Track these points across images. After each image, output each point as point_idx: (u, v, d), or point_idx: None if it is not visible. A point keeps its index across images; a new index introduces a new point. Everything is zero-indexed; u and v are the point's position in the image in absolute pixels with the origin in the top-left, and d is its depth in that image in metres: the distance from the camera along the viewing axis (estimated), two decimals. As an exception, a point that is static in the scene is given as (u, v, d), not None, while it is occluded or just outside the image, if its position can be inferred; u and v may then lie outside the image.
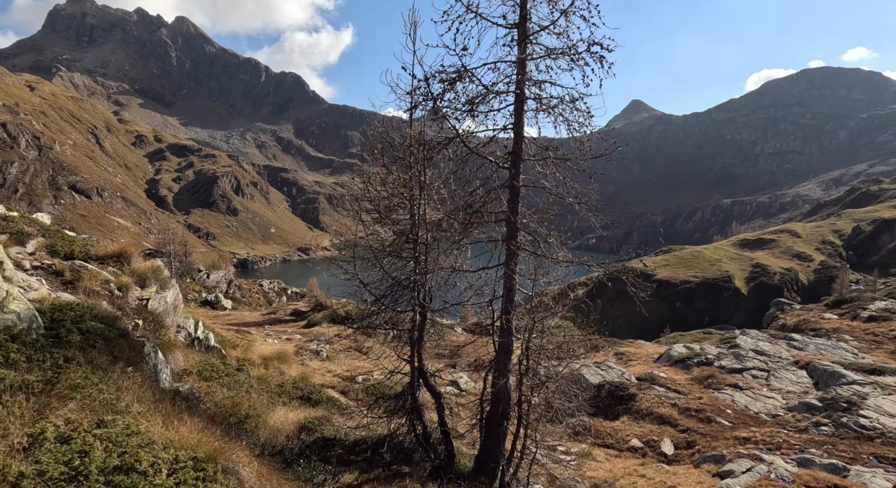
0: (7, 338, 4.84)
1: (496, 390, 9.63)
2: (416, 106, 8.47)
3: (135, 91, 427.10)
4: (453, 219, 8.92)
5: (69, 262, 8.60)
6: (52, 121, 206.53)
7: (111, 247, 10.06)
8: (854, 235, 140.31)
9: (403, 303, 9.58)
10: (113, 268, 9.38)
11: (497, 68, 8.75)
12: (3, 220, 8.94)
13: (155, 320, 8.61)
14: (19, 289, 6.06)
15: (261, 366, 11.53)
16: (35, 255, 8.59)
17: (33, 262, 8.19)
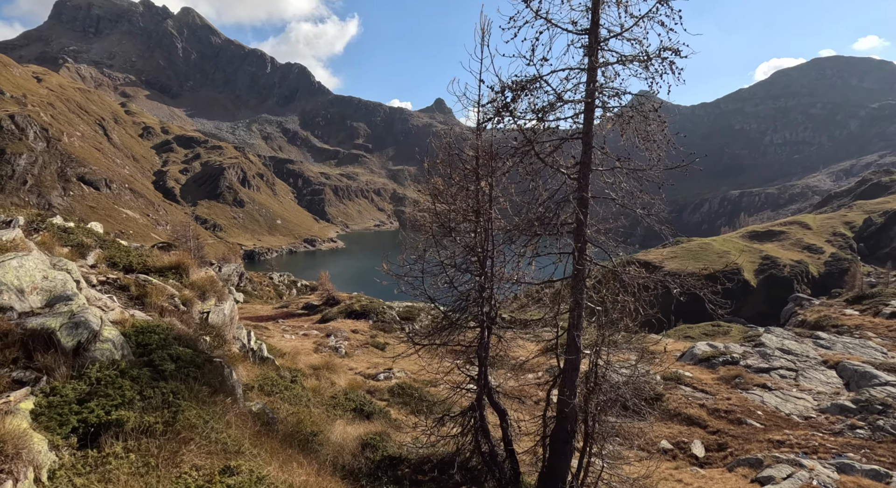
0: (116, 373, 4.68)
1: (563, 408, 9.41)
2: (493, 116, 8.21)
3: (141, 82, 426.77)
4: (520, 232, 8.70)
5: (132, 276, 8.45)
6: (60, 112, 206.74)
7: (167, 258, 9.90)
8: (865, 227, 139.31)
9: (469, 318, 9.38)
10: (173, 280, 9.23)
11: (566, 76, 8.50)
12: (64, 232, 8.78)
13: (218, 335, 8.46)
14: (99, 311, 5.89)
15: (312, 377, 11.39)
16: (97, 269, 8.44)
17: (98, 277, 8.03)
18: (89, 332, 5.11)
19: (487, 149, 8.67)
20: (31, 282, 5.31)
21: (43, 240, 7.66)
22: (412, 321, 47.58)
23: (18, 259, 5.36)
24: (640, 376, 10.23)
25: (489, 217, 8.67)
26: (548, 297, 9.58)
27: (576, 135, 8.74)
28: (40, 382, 4.35)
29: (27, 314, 5.17)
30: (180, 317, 7.79)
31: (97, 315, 5.43)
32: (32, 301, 5.25)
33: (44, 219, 8.79)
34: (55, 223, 8.91)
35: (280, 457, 4.68)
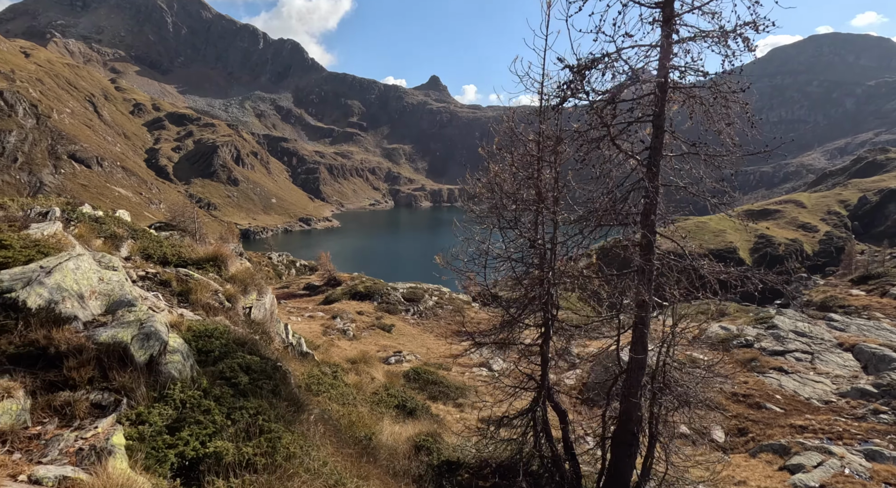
0: (199, 393, 4.18)
1: (626, 409, 8.96)
2: (564, 96, 7.61)
3: (131, 58, 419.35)
4: (586, 223, 8.16)
5: (172, 270, 7.89)
6: (49, 88, 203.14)
7: (203, 250, 9.34)
8: (860, 205, 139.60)
9: (530, 315, 8.87)
10: (213, 273, 8.69)
11: (637, 54, 7.91)
12: (95, 222, 8.19)
13: (264, 331, 7.95)
14: (161, 316, 5.35)
15: (351, 372, 10.92)
16: (133, 261, 7.87)
17: (137, 271, 7.47)
18: (160, 344, 4.58)
19: (551, 133, 8.08)
20: (89, 285, 4.77)
21: (80, 232, 7.09)
22: (417, 302, 47.18)
23: (74, 260, 4.81)
24: (711, 375, 9.77)
25: (554, 208, 8.09)
26: (606, 291, 9.05)
27: (645, 117, 8.17)
28: (121, 406, 3.82)
29: (91, 324, 4.64)
30: (227, 315, 7.27)
31: (164, 322, 4.89)
32: (93, 307, 4.72)
33: (74, 208, 8.20)
34: (85, 212, 8.32)
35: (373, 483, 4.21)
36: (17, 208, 7.01)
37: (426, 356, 33.19)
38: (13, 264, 4.48)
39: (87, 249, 6.50)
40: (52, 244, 5.10)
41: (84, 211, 8.41)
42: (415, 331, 40.97)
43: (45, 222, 6.19)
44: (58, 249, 4.91)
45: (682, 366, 9.32)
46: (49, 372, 3.80)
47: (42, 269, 4.48)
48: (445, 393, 22.26)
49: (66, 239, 5.86)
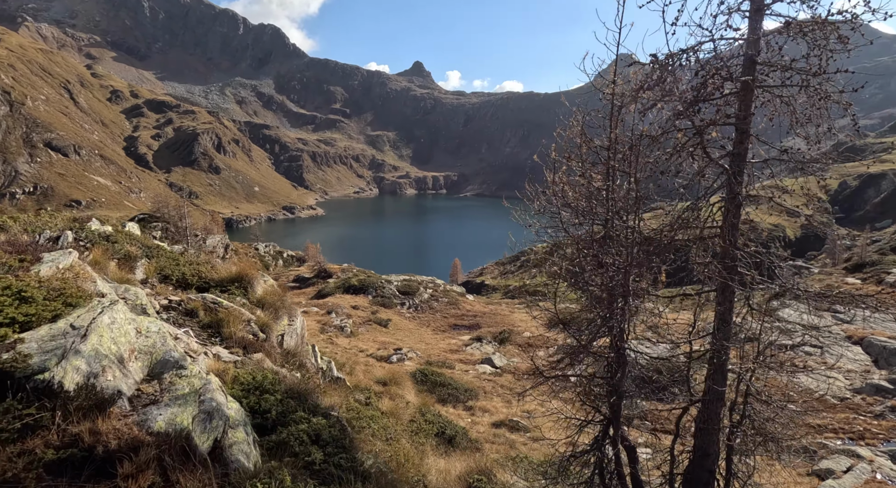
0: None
1: (702, 445, 8.20)
2: (653, 92, 6.77)
3: (107, 43, 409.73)
4: (664, 238, 7.36)
5: (198, 297, 6.97)
6: (22, 74, 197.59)
7: (226, 269, 8.40)
8: (840, 190, 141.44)
9: (598, 341, 8.06)
10: (239, 297, 7.78)
11: (719, 48, 7.08)
12: (107, 241, 7.23)
13: (301, 364, 7.09)
14: (214, 379, 4.45)
15: (384, 396, 10.08)
16: (150, 285, 6.95)
17: (160, 300, 6.55)
18: (223, 422, 3.68)
19: (625, 138, 7.25)
20: (128, 342, 3.89)
21: (94, 257, 6.16)
22: (412, 295, 46.44)
23: (108, 312, 3.90)
24: (803, 410, 9.01)
25: (629, 219, 7.27)
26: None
27: (726, 120, 7.36)
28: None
29: (138, 399, 3.72)
30: (263, 349, 6.40)
31: (219, 387, 4.00)
32: (134, 371, 3.82)
33: (82, 226, 7.24)
34: (95, 230, 7.35)
35: None
36: (21, 229, 6.06)
37: (426, 352, 32.50)
38: (38, 323, 3.60)
39: (106, 280, 5.59)
40: (75, 290, 4.18)
41: (94, 229, 7.45)
42: (411, 326, 40.22)
43: (57, 251, 5.27)
44: (83, 295, 4.02)
45: (765, 395, 8.55)
46: (99, 483, 2.92)
47: (74, 330, 3.59)
48: (455, 395, 21.56)
49: (84, 271, 4.96)
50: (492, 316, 42.70)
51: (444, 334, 39.01)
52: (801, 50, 7.03)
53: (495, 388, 25.16)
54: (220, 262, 8.99)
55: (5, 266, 4.28)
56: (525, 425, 18.99)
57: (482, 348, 33.93)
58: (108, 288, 5.01)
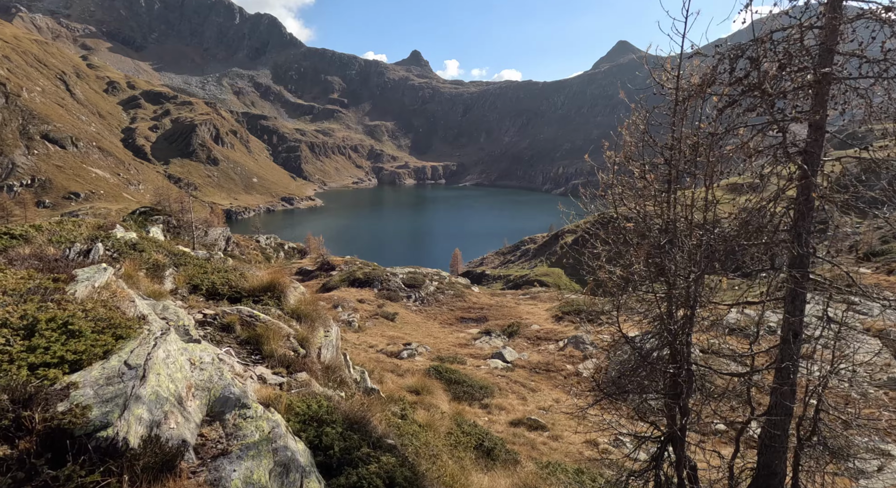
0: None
1: (768, 462, 7.79)
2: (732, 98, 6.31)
3: (102, 34, 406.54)
4: (733, 243, 6.90)
5: (233, 310, 6.52)
6: (17, 66, 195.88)
7: (257, 278, 7.97)
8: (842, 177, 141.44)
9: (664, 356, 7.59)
10: (273, 307, 7.35)
11: (790, 38, 6.61)
12: (133, 249, 6.79)
13: (342, 381, 6.67)
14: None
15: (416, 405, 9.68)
16: (180, 296, 6.53)
17: (194, 314, 6.13)
18: (300, 474, 3.25)
19: (689, 136, 6.78)
20: (184, 378, 3.45)
21: (126, 271, 5.72)
22: (418, 288, 46.04)
23: (162, 344, 3.47)
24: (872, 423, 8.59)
25: (707, 234, 6.77)
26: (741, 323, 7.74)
27: (797, 116, 6.89)
28: None
29: (203, 447, 3.27)
30: (304, 366, 5.98)
31: (287, 429, 3.56)
32: (193, 412, 3.38)
33: (107, 234, 6.80)
34: (120, 238, 6.90)
35: None
36: (45, 240, 5.62)
37: (435, 346, 32.16)
38: (89, 361, 3.17)
39: (141, 296, 5.17)
40: (122, 318, 3.74)
41: (119, 237, 7.00)
42: (418, 319, 39.86)
43: (90, 266, 4.84)
44: (131, 325, 3.58)
45: (836, 409, 8.12)
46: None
47: (131, 370, 3.15)
48: (470, 393, 21.26)
49: (120, 289, 4.54)
50: (498, 308, 42.35)
51: (451, 327, 38.66)
52: (860, 37, 6.57)
53: (509, 385, 24.83)
54: (249, 269, 8.56)
55: (41, 288, 3.86)
56: (543, 423, 18.69)
57: (491, 342, 33.56)
58: (146, 307, 4.59)
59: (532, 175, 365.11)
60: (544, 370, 28.33)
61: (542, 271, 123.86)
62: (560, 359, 29.75)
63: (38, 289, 3.87)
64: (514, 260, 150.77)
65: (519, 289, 79.91)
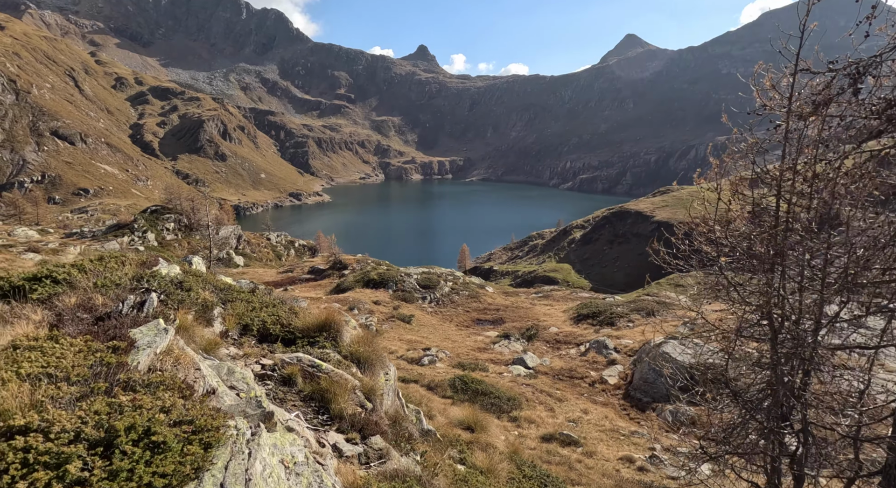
0: None
1: None
2: None
3: (110, 30, 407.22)
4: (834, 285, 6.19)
5: (293, 360, 5.95)
6: (27, 63, 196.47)
7: (311, 316, 7.41)
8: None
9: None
10: (329, 349, 6.79)
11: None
12: (179, 288, 6.23)
13: (409, 436, 6.10)
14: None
15: (472, 445, 9.11)
16: (230, 338, 5.98)
17: (251, 364, 5.60)
18: None
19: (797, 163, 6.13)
20: None
21: (182, 323, 5.18)
22: (433, 289, 45.56)
23: (258, 452, 2.88)
24: None
25: (806, 265, 6.09)
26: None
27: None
28: None
29: None
30: (376, 426, 5.43)
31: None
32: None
33: (153, 273, 6.25)
34: (164, 276, 6.37)
35: None
36: (91, 284, 5.06)
37: (454, 351, 31.68)
38: (180, 486, 2.61)
39: (203, 355, 4.63)
40: (205, 415, 3.16)
41: (164, 274, 6.45)
42: (434, 321, 39.39)
43: (146, 324, 4.30)
44: (214, 425, 3.00)
45: None
46: None
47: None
48: (497, 405, 20.76)
49: (183, 354, 4.01)
50: (514, 309, 41.86)
51: (467, 330, 38.17)
52: None
53: (535, 394, 24.29)
54: (297, 302, 8.01)
55: (103, 365, 3.33)
56: (575, 438, 18.15)
57: (511, 346, 33.05)
58: (212, 374, 4.07)
59: (539, 170, 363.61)
60: (568, 377, 27.80)
61: (551, 267, 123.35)
62: (583, 364, 29.21)
63: (101, 366, 3.34)
64: (521, 255, 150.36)
65: (531, 287, 79.38)
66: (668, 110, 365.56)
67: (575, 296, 51.33)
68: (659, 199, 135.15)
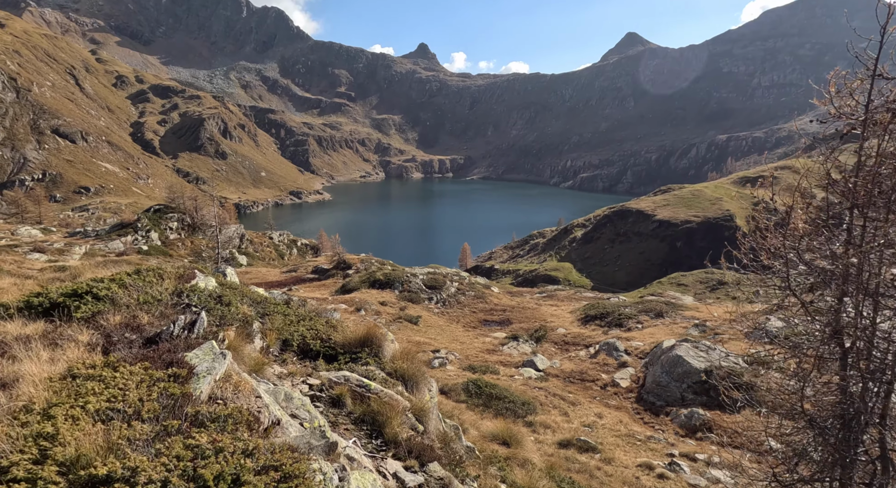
0: None
1: None
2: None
3: (111, 28, 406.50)
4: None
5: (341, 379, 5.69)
6: (28, 60, 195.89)
7: (350, 331, 7.15)
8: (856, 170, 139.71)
9: None
10: (373, 365, 6.54)
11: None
12: (218, 303, 5.97)
13: (459, 459, 5.84)
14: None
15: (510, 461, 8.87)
16: (272, 355, 5.73)
17: (298, 384, 5.34)
18: None
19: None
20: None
21: (231, 343, 4.93)
22: (439, 289, 45.34)
23: None
24: None
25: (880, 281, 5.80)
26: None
27: None
28: None
29: None
30: (430, 450, 5.18)
31: None
32: None
33: (193, 288, 6.00)
34: (203, 290, 6.10)
35: None
36: (134, 301, 4.80)
37: (463, 353, 31.48)
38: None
39: (257, 378, 4.39)
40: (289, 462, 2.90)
41: (202, 288, 6.19)
42: (441, 322, 39.18)
43: (200, 348, 4.04)
44: (300, 472, 2.74)
45: None
46: None
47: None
48: (512, 409, 20.55)
49: (241, 380, 3.76)
50: (521, 310, 41.66)
51: (475, 331, 37.94)
52: None
53: (548, 398, 24.04)
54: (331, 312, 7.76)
55: (169, 397, 3.09)
56: (593, 444, 17.92)
57: (519, 347, 32.80)
58: (271, 401, 3.83)
59: (540, 168, 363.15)
60: (579, 379, 27.58)
61: (552, 266, 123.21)
62: (593, 367, 28.98)
63: (167, 399, 3.09)
64: (522, 254, 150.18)
65: (535, 287, 79.12)
66: (669, 109, 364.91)
67: (579, 295, 51.11)
68: (660, 198, 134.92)
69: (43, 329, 4.18)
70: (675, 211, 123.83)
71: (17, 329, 4.17)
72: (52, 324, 4.31)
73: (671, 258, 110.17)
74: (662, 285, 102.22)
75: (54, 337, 3.99)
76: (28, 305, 4.60)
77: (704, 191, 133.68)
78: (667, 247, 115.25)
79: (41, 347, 3.73)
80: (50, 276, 12.74)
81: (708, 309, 38.56)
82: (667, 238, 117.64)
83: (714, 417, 22.01)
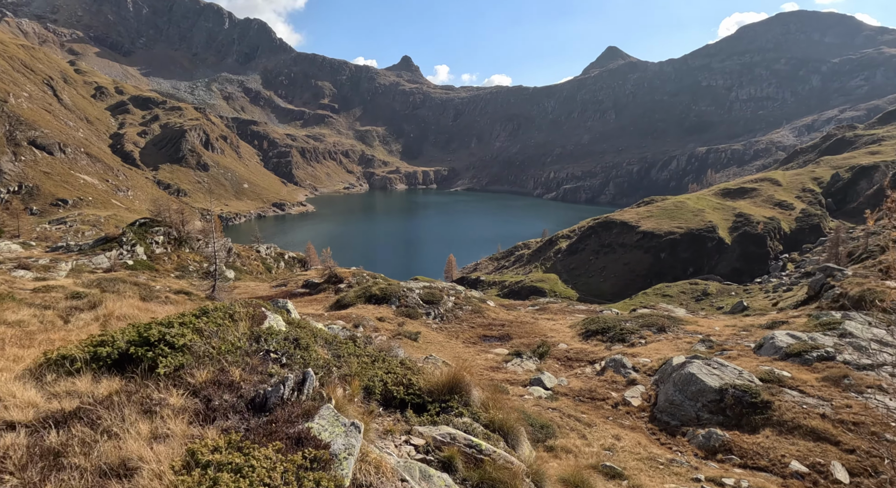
0: None
1: None
2: None
3: (90, 39, 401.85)
4: None
5: (448, 439, 4.97)
6: (4, 71, 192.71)
7: (434, 376, 6.43)
8: (833, 182, 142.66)
9: None
10: (467, 417, 5.82)
11: None
12: (296, 347, 5.18)
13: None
14: None
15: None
16: (358, 406, 5.02)
17: (401, 445, 4.63)
18: None
19: None
20: None
21: (337, 403, 4.19)
22: (436, 304, 44.58)
23: None
24: None
25: None
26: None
27: None
28: None
29: None
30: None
31: None
32: None
33: (270, 332, 5.27)
34: (278, 332, 5.39)
35: None
36: (214, 349, 4.10)
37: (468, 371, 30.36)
38: None
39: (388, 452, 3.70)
40: None
41: (277, 331, 5.44)
42: (441, 338, 38.42)
43: (321, 416, 3.35)
44: None
45: None
46: None
47: None
48: (533, 434, 19.72)
49: (378, 459, 3.08)
50: (519, 325, 41.17)
51: (475, 347, 37.26)
52: None
53: (563, 419, 23.30)
54: (397, 350, 7.08)
55: (311, 484, 2.41)
56: (619, 470, 17.27)
57: (523, 364, 32.08)
58: (413, 483, 3.14)
59: (523, 179, 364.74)
60: (589, 398, 26.92)
61: (538, 277, 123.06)
62: (602, 384, 28.35)
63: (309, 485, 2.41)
64: (508, 265, 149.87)
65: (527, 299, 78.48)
66: (650, 121, 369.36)
67: (572, 308, 50.62)
68: (644, 210, 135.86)
69: (120, 387, 3.47)
70: (658, 222, 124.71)
71: (88, 386, 3.47)
72: (129, 381, 3.59)
73: (655, 269, 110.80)
74: (648, 296, 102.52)
75: (141, 400, 3.28)
76: (95, 357, 3.89)
77: (687, 202, 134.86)
78: (651, 257, 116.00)
79: (135, 416, 3.03)
80: (66, 305, 11.82)
81: (708, 322, 38.30)
82: (651, 249, 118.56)
83: (734, 438, 21.41)
